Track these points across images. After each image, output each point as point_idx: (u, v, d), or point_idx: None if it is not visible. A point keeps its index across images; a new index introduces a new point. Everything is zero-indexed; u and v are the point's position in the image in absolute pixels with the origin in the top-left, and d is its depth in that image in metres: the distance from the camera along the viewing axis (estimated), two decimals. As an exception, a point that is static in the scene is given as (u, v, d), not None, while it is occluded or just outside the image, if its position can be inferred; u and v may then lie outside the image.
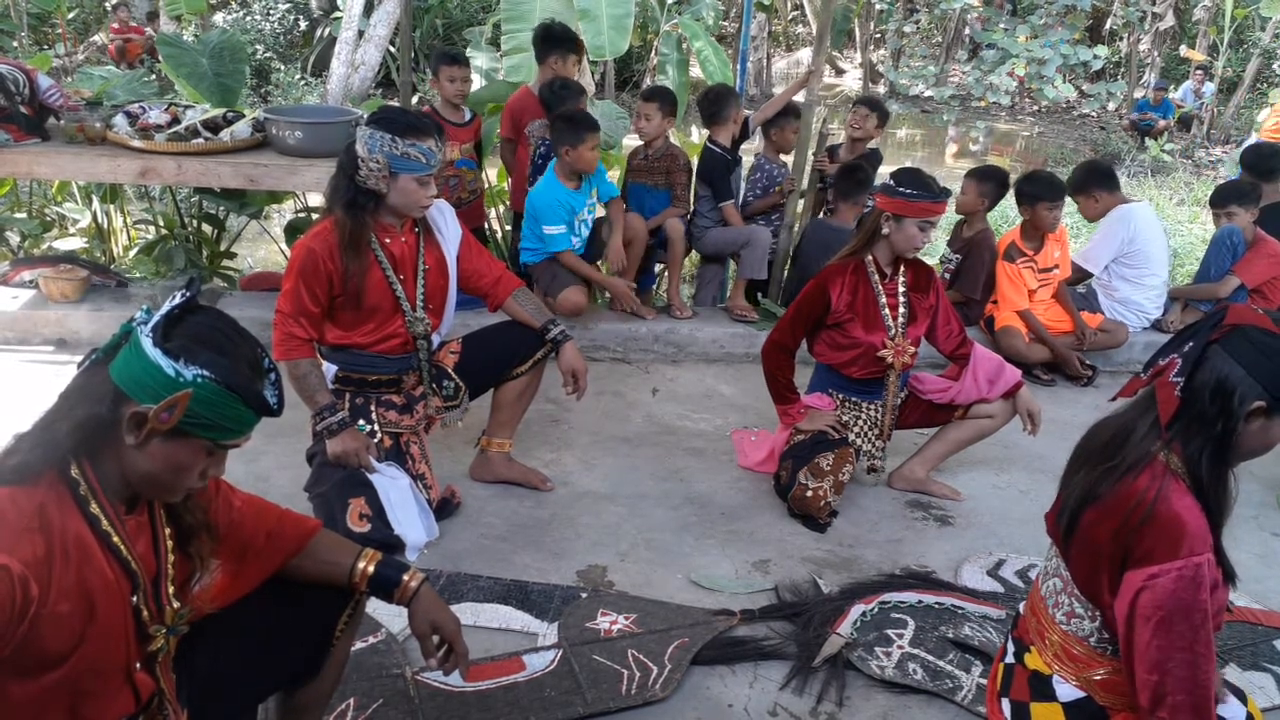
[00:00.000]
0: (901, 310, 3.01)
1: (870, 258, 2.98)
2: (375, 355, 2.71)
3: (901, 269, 3.03)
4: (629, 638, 2.36)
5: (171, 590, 1.41)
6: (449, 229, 2.81)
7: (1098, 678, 1.64)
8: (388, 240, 2.63)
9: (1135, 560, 1.48)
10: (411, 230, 2.70)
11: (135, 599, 1.34)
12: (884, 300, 2.98)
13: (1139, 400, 1.58)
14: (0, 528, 1.19)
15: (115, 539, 1.31)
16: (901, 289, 3.02)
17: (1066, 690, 1.66)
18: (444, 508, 2.86)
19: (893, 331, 2.99)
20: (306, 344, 2.59)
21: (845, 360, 3.03)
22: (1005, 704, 1.74)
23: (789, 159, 4.61)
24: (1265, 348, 1.45)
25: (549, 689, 2.17)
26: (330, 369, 2.71)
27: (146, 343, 1.26)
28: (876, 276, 2.98)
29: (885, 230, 2.91)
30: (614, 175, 4.60)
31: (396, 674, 2.16)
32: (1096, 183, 4.50)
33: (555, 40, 4.45)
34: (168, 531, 1.42)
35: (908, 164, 3.17)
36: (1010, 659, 1.78)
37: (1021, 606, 1.82)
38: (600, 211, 4.23)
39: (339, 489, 2.59)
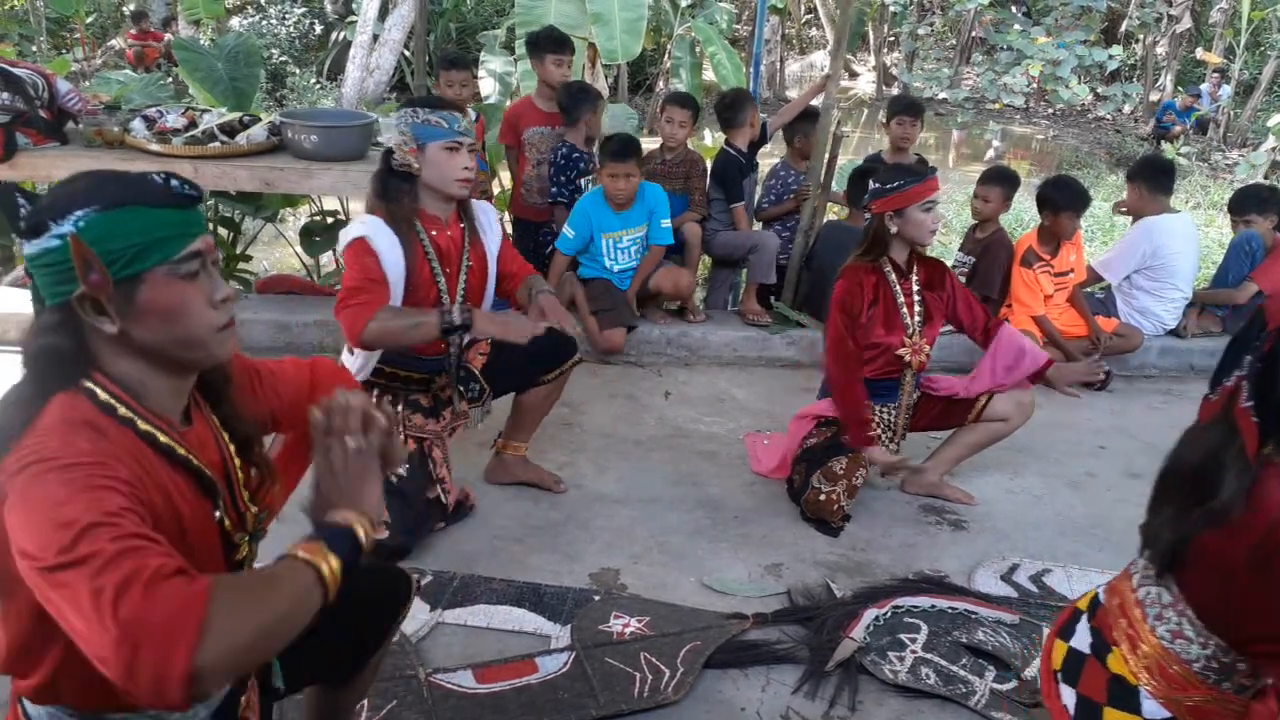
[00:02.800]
0: (918, 309, 3.00)
1: (886, 258, 2.96)
2: (409, 354, 2.68)
3: (915, 268, 3.02)
4: (641, 640, 2.36)
5: (246, 495, 1.36)
6: (492, 230, 2.82)
7: (1190, 703, 1.49)
8: (434, 232, 2.63)
9: None
10: (458, 223, 2.70)
11: (218, 513, 1.28)
12: (902, 300, 2.97)
13: (1220, 422, 1.43)
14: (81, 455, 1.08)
15: (180, 450, 1.22)
16: (916, 287, 3.01)
17: (1153, 707, 1.51)
18: (458, 510, 2.87)
19: (910, 330, 2.98)
20: (372, 305, 2.47)
21: (864, 360, 3.01)
22: (1068, 692, 1.59)
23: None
24: None
25: (562, 691, 2.17)
26: (370, 361, 2.65)
27: (30, 250, 1.15)
28: (894, 276, 2.97)
29: (894, 229, 2.90)
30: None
31: (410, 675, 2.17)
32: (1145, 177, 4.46)
33: (531, 46, 4.52)
34: (226, 437, 1.35)
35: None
36: (1085, 648, 1.61)
37: (1101, 593, 1.63)
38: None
39: None
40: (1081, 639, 1.62)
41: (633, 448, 3.46)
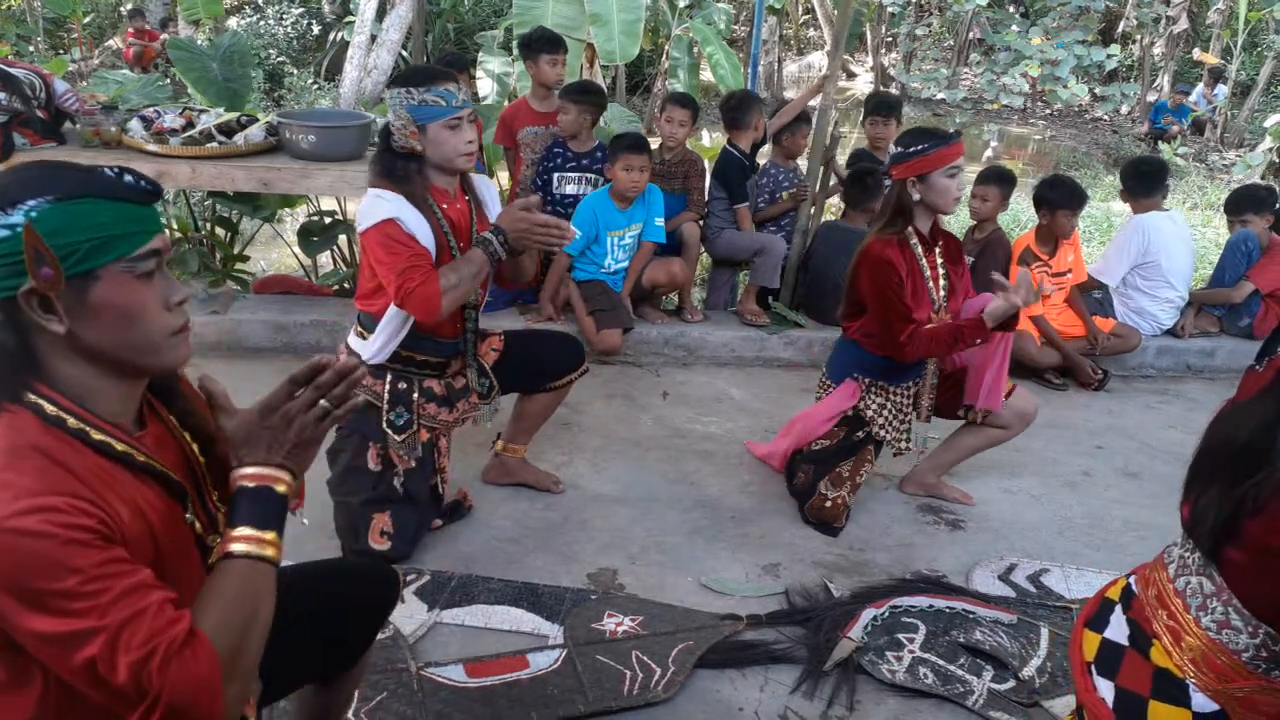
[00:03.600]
0: (943, 283, 2.90)
1: (911, 229, 2.83)
2: (425, 336, 2.63)
3: (938, 240, 2.91)
4: (634, 639, 2.36)
5: (215, 496, 1.31)
6: (494, 204, 2.79)
7: (1240, 694, 1.45)
8: (445, 206, 2.59)
9: None
10: (463, 196, 2.67)
11: (189, 516, 1.23)
12: (928, 273, 2.85)
13: (1269, 394, 1.37)
14: (44, 481, 1.04)
15: (140, 457, 1.16)
16: (940, 260, 2.90)
17: (1202, 700, 1.48)
18: (455, 510, 2.87)
19: (936, 305, 2.87)
20: (433, 278, 2.41)
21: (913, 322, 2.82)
22: (1105, 685, 1.55)
23: (802, 162, 4.62)
24: None
25: (551, 687, 2.18)
26: (390, 344, 2.62)
27: None
28: (921, 249, 2.84)
29: (916, 196, 2.76)
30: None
31: (401, 668, 2.18)
32: (1133, 180, 4.54)
33: (524, 47, 4.53)
34: (187, 437, 1.30)
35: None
36: (1122, 640, 1.56)
37: (1133, 582, 1.57)
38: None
39: (365, 503, 2.59)
40: (1117, 630, 1.57)
41: (630, 448, 3.46)
